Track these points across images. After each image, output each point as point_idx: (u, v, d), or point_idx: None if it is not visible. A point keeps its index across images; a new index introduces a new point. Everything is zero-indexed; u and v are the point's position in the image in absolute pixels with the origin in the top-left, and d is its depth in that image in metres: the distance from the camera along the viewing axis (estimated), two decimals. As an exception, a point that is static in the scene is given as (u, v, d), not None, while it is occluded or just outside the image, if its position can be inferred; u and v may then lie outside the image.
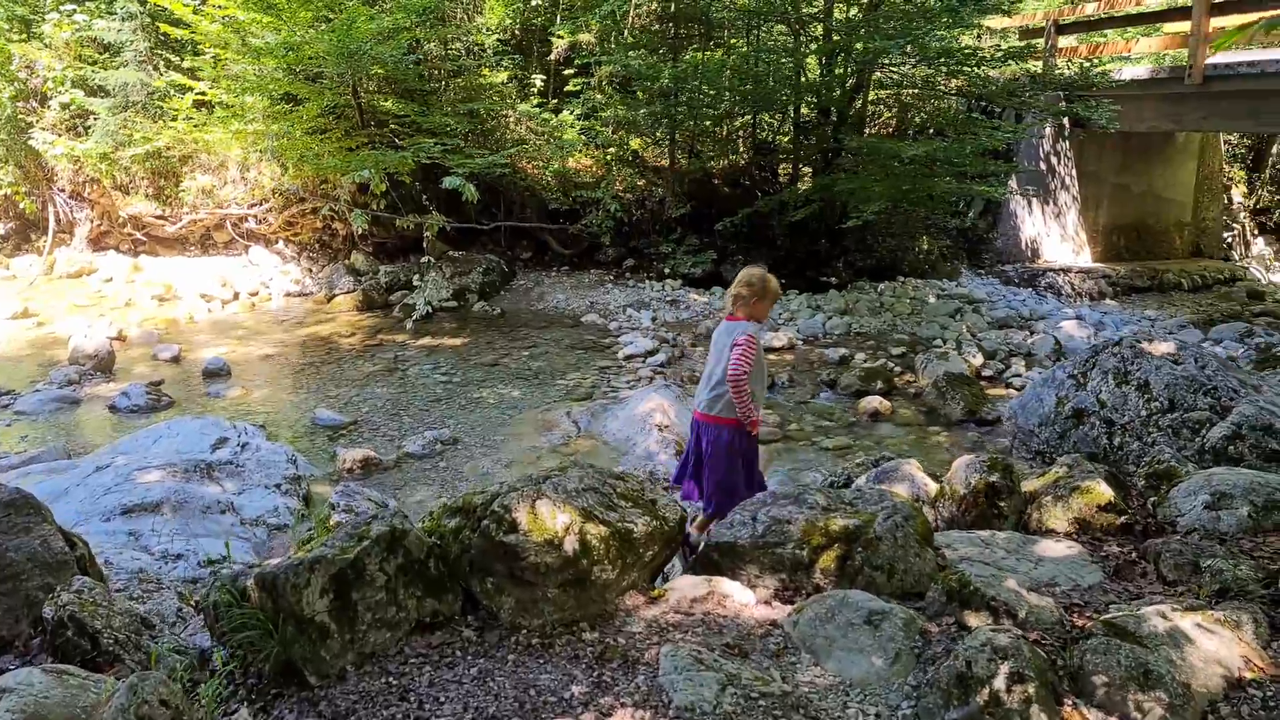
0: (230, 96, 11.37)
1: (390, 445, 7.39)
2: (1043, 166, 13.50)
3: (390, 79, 11.88)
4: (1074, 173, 13.91)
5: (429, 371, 9.33)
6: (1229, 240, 15.06)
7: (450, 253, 12.59)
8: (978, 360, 9.68)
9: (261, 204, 12.60)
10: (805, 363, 9.89)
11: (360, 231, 12.14)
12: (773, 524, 3.24)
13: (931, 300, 11.88)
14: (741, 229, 12.54)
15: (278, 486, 5.73)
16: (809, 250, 12.75)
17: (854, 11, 11.25)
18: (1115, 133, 13.82)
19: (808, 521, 3.19)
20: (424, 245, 12.25)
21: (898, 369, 9.46)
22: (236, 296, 11.98)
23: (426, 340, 10.43)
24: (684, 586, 3.12)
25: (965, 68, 10.60)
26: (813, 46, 11.25)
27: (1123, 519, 3.41)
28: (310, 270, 12.74)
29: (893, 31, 9.09)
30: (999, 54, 9.98)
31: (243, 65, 11.28)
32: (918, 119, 13.06)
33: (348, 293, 11.92)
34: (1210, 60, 10.37)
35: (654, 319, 11.08)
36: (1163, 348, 5.10)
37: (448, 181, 10.42)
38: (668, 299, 11.82)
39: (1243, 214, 15.38)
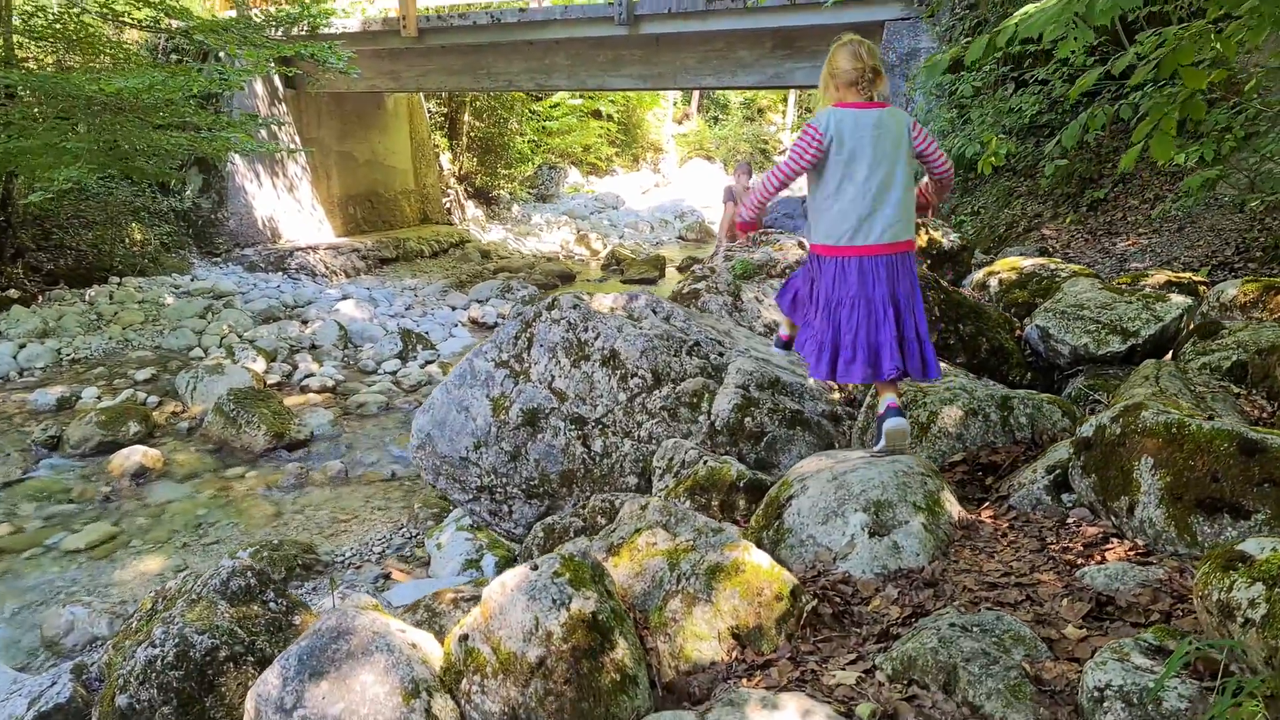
0: None
1: None
2: (264, 133, 11.73)
3: None
4: (298, 140, 12.50)
5: None
6: (448, 205, 15.65)
7: None
8: (260, 365, 7.64)
9: None
10: (-1, 420, 6.47)
11: None
12: None
13: (170, 301, 9.21)
14: None
15: None
16: (-40, 254, 8.69)
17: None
18: (330, 97, 12.83)
19: None
20: None
21: (155, 399, 6.85)
22: None
23: None
24: None
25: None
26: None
27: (809, 605, 1.98)
28: None
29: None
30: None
31: None
32: (80, 58, 9.66)
33: None
34: (423, 13, 9.93)
35: None
36: (609, 301, 3.85)
37: None
38: None
39: (453, 180, 16.14)
